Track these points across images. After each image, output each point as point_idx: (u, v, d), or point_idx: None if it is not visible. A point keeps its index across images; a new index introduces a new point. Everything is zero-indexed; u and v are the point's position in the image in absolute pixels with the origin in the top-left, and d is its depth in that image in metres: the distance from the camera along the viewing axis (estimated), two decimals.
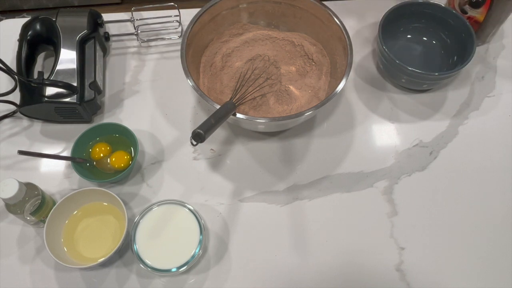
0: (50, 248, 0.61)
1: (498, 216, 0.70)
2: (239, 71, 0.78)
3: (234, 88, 0.74)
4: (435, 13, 0.83)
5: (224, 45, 0.81)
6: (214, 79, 0.78)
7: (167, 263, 0.61)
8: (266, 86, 0.75)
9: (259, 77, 0.75)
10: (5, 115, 0.78)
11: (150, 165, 0.75)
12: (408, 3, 0.82)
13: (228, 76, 0.78)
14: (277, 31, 0.83)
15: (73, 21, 0.78)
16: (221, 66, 0.79)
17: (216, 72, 0.79)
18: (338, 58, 0.76)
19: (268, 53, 0.80)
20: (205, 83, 0.77)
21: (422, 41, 0.87)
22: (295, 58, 0.80)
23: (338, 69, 0.75)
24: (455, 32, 0.82)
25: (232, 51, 0.80)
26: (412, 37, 0.87)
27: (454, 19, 0.81)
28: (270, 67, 0.78)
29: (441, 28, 0.84)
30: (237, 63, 0.80)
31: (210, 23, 0.78)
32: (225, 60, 0.79)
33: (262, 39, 0.81)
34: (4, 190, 0.59)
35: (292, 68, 0.80)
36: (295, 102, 0.76)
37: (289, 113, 0.74)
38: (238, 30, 0.82)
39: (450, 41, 0.84)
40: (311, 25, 0.80)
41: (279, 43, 0.81)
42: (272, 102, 0.76)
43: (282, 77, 0.78)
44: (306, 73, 0.79)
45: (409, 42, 0.87)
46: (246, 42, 0.81)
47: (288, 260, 0.67)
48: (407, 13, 0.83)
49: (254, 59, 0.79)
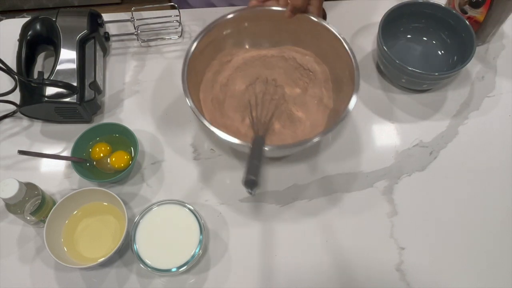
0: (50, 248, 0.61)
1: (498, 216, 0.70)
2: (243, 98, 0.75)
3: (245, 118, 0.73)
4: (435, 13, 0.83)
5: (218, 76, 0.77)
6: (220, 112, 0.74)
7: (167, 263, 0.61)
8: (276, 108, 0.74)
9: (270, 100, 0.74)
10: (5, 115, 0.78)
11: (150, 165, 0.75)
12: (408, 3, 0.82)
13: (233, 105, 0.75)
14: (265, 49, 0.80)
15: (73, 21, 0.78)
16: (223, 98, 0.76)
17: (219, 105, 0.75)
18: (338, 64, 0.74)
19: (265, 73, 0.78)
20: (216, 119, 0.73)
21: (422, 41, 0.86)
22: (290, 73, 0.79)
23: (340, 74, 0.74)
24: (455, 32, 0.82)
25: (227, 79, 0.77)
26: (412, 37, 0.87)
27: (454, 19, 0.81)
28: (272, 87, 0.77)
29: (441, 28, 0.84)
30: (238, 89, 0.77)
31: (200, 57, 0.73)
32: (224, 90, 0.76)
33: (252, 61, 0.79)
34: (4, 190, 0.59)
35: (291, 83, 0.78)
36: (303, 121, 0.74)
37: (299, 133, 0.72)
38: (226, 57, 0.78)
39: (450, 41, 0.84)
40: (299, 36, 0.77)
41: (270, 61, 0.79)
42: (278, 126, 0.73)
43: (285, 95, 0.77)
44: (306, 84, 0.78)
45: (409, 42, 0.87)
46: (238, 68, 0.78)
47: (288, 260, 0.67)
48: (407, 13, 0.83)
49: (253, 84, 0.77)
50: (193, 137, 0.77)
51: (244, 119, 0.74)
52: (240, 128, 0.73)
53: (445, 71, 0.81)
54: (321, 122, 0.74)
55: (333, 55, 0.74)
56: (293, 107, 0.75)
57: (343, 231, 0.69)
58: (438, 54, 0.85)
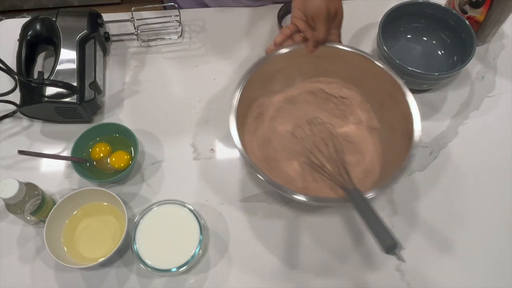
0: (50, 248, 0.61)
1: (498, 216, 0.70)
2: (288, 146, 0.72)
3: (293, 162, 0.70)
4: (435, 13, 0.83)
5: (260, 125, 0.73)
6: (266, 158, 0.70)
7: (167, 263, 0.61)
8: (338, 151, 0.69)
9: (324, 144, 0.70)
10: (5, 115, 0.78)
11: (150, 165, 0.75)
12: (408, 3, 0.82)
13: (278, 152, 0.71)
14: (290, 90, 0.76)
15: (73, 21, 0.78)
16: (268, 135, 0.72)
17: (264, 141, 0.71)
18: (371, 83, 0.72)
19: (300, 114, 0.74)
20: (263, 164, 0.69)
21: (422, 41, 0.86)
22: (323, 105, 0.75)
23: (375, 92, 0.72)
24: (455, 32, 0.82)
25: (272, 115, 0.74)
26: (412, 37, 0.87)
27: (454, 19, 0.81)
28: (315, 127, 0.73)
29: (441, 28, 0.84)
30: (282, 128, 0.74)
31: (241, 106, 0.68)
32: (271, 126, 0.73)
33: (282, 106, 0.75)
34: (4, 190, 0.59)
35: (328, 116, 0.74)
36: (359, 155, 0.71)
37: (358, 171, 0.69)
38: (257, 109, 0.73)
39: (450, 41, 0.84)
40: (321, 67, 0.74)
41: (298, 99, 0.75)
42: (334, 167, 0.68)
43: (332, 130, 0.73)
44: (344, 111, 0.74)
45: (409, 42, 0.87)
46: (272, 118, 0.74)
47: (288, 260, 0.67)
48: (407, 13, 0.83)
49: (296, 128, 0.73)
50: (193, 137, 0.77)
51: (291, 163, 0.70)
52: (290, 172, 0.69)
53: (445, 71, 0.81)
54: (373, 149, 0.71)
55: (363, 76, 0.72)
56: (343, 140, 0.72)
57: (343, 231, 0.69)
58: (438, 54, 0.85)
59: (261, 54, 0.86)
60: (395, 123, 0.69)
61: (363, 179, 0.67)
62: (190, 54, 0.87)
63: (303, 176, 0.69)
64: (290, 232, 0.69)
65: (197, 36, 0.89)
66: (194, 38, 0.89)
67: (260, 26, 0.90)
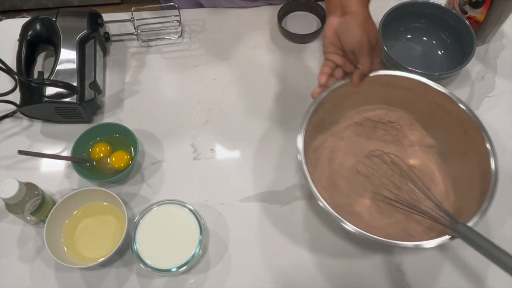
0: (50, 248, 0.61)
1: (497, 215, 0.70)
2: (353, 180, 0.69)
3: (363, 199, 0.68)
4: (435, 13, 0.83)
5: (319, 157, 0.70)
6: (333, 196, 0.67)
7: (167, 263, 0.61)
8: (415, 179, 0.67)
9: (390, 174, 0.69)
10: (5, 115, 0.78)
11: (150, 165, 0.75)
12: (408, 3, 0.82)
13: (348, 179, 0.70)
14: (335, 125, 0.73)
15: (73, 21, 0.78)
16: (332, 180, 0.69)
17: (331, 188, 0.68)
18: (417, 101, 0.69)
19: (355, 150, 0.71)
20: (329, 199, 0.64)
21: (422, 41, 0.86)
22: (373, 134, 0.73)
23: (423, 109, 0.70)
24: (455, 32, 0.82)
25: (329, 158, 0.71)
26: (412, 37, 0.87)
27: (454, 19, 0.81)
28: (377, 159, 0.71)
29: (441, 28, 0.84)
30: (348, 161, 0.71)
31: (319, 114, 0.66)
32: (331, 170, 0.70)
33: (331, 142, 0.72)
34: (4, 190, 0.59)
35: (382, 144, 0.72)
36: (430, 178, 0.69)
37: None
38: (311, 143, 0.69)
39: (450, 41, 0.84)
40: (362, 97, 0.70)
41: (347, 134, 0.73)
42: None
43: (393, 158, 0.70)
44: (396, 136, 0.72)
45: (409, 42, 0.87)
46: (328, 158, 0.71)
47: (288, 260, 0.67)
48: (407, 13, 0.83)
49: (361, 162, 0.70)
50: (193, 137, 0.77)
51: (362, 199, 0.68)
52: (357, 208, 0.67)
53: (445, 71, 0.81)
54: (437, 169, 0.70)
55: (410, 95, 0.70)
56: (410, 168, 0.69)
57: (343, 230, 0.69)
58: (438, 54, 0.85)
59: (260, 55, 0.87)
60: (453, 136, 0.67)
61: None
62: (190, 54, 0.87)
63: (377, 213, 0.67)
64: (290, 232, 0.69)
65: (197, 36, 0.89)
66: (194, 38, 0.89)
67: (261, 26, 0.90)
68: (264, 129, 0.78)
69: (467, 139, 0.65)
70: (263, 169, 0.74)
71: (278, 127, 0.78)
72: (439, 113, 0.68)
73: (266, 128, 0.78)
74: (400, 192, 0.67)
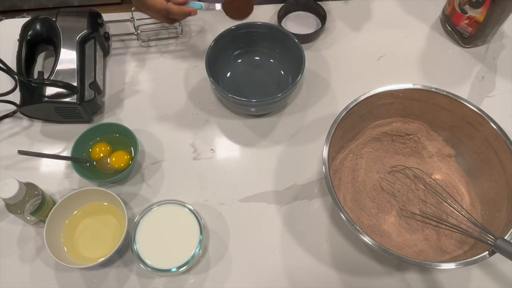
0: (50, 248, 0.61)
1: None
2: (377, 192, 0.69)
3: (390, 216, 0.67)
4: (260, 30, 0.78)
5: (341, 178, 0.70)
6: (358, 215, 0.67)
7: (167, 263, 0.61)
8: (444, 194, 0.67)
9: (414, 189, 0.69)
10: (5, 115, 0.78)
11: (150, 165, 0.75)
12: (229, 30, 0.77)
13: (370, 193, 0.69)
14: (353, 141, 0.73)
15: (73, 21, 0.78)
16: (356, 199, 0.69)
17: (356, 208, 0.68)
18: (431, 111, 0.69)
19: (376, 167, 0.71)
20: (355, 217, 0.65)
21: (259, 63, 0.82)
22: (390, 148, 0.73)
23: (440, 120, 0.70)
24: (284, 46, 0.78)
25: (352, 178, 0.70)
26: (246, 61, 0.82)
27: (279, 33, 0.77)
28: (399, 175, 0.71)
29: (272, 45, 0.80)
30: (370, 179, 0.70)
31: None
32: (355, 189, 0.70)
33: (349, 158, 0.72)
34: (4, 190, 0.59)
35: (402, 158, 0.72)
36: (454, 188, 0.69)
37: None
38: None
39: (284, 57, 0.80)
40: (375, 114, 0.70)
41: (365, 152, 0.73)
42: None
43: (416, 172, 0.70)
44: (415, 148, 0.72)
45: (247, 67, 0.82)
46: (346, 177, 0.70)
47: (288, 260, 0.67)
48: (234, 39, 0.79)
49: (384, 180, 0.70)
50: (193, 137, 0.77)
51: (388, 217, 0.68)
52: (385, 227, 0.67)
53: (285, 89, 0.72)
54: (461, 179, 0.70)
55: (425, 107, 0.69)
56: (435, 182, 0.69)
57: (343, 230, 0.69)
58: (278, 73, 0.81)
59: None
60: (474, 143, 0.67)
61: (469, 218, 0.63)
62: (190, 54, 0.87)
63: (406, 231, 0.66)
64: (290, 232, 0.69)
65: (197, 36, 0.89)
66: (194, 38, 0.89)
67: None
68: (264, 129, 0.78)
69: (493, 145, 0.64)
70: (263, 169, 0.74)
71: None
72: (457, 121, 0.68)
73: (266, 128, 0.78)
74: (426, 206, 0.67)
